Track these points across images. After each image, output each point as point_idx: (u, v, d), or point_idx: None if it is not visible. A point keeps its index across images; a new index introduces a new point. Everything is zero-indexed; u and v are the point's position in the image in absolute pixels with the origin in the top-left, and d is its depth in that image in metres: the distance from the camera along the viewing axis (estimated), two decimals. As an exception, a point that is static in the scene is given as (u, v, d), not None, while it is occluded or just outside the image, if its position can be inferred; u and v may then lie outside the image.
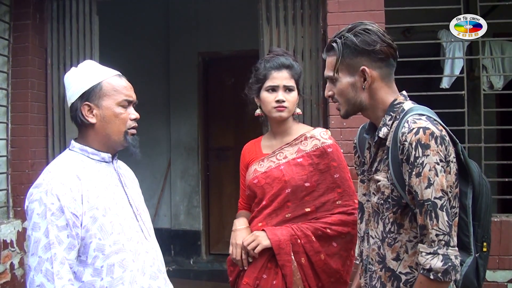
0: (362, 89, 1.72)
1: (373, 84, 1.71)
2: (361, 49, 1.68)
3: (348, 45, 1.70)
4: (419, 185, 1.54)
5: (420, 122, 1.57)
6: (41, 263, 1.62)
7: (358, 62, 1.70)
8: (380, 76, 1.71)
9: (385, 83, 1.73)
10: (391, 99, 1.73)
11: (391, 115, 1.70)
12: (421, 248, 1.56)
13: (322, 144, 2.36)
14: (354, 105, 1.75)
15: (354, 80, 1.72)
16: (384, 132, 1.70)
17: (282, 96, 2.34)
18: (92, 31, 4.36)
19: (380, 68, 1.71)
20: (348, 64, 1.71)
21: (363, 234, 1.87)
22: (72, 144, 1.91)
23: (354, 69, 1.71)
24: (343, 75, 1.73)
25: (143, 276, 1.82)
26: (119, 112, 1.86)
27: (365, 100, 1.74)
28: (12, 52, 4.27)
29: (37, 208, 1.66)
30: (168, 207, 6.70)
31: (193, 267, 6.34)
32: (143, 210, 2.02)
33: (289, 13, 4.05)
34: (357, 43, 1.68)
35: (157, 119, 6.52)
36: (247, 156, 2.57)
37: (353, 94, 1.73)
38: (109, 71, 1.91)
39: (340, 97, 1.77)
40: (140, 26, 6.66)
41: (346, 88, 1.73)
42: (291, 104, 2.36)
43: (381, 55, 1.69)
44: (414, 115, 1.62)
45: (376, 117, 1.77)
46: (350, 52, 1.70)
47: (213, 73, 6.83)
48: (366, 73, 1.69)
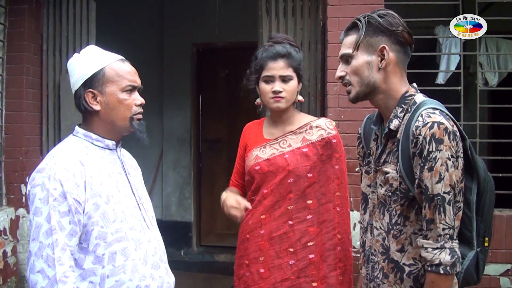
0: (378, 69, 1.70)
1: (389, 67, 1.70)
2: (384, 28, 1.69)
3: (372, 23, 1.70)
4: (430, 180, 1.54)
5: (435, 116, 1.57)
6: (42, 249, 1.60)
7: (378, 41, 1.69)
8: (396, 60, 1.71)
9: (399, 70, 1.73)
10: (403, 90, 1.73)
11: (402, 107, 1.70)
12: (426, 244, 1.57)
13: (327, 134, 2.35)
14: (368, 85, 1.73)
15: (371, 59, 1.71)
16: (396, 124, 1.69)
17: (278, 86, 2.31)
18: (89, 17, 4.34)
19: (398, 52, 1.71)
20: (368, 42, 1.70)
21: (366, 225, 1.88)
22: (76, 129, 1.87)
23: (373, 48, 1.70)
24: (361, 53, 1.71)
25: (145, 266, 1.80)
26: (124, 98, 1.82)
27: (379, 82, 1.72)
28: (7, 37, 4.23)
29: (39, 193, 1.64)
30: (159, 198, 6.66)
31: (184, 258, 6.33)
32: (146, 199, 2.00)
33: (288, 5, 4.06)
34: (381, 22, 1.68)
35: (150, 109, 6.33)
36: (247, 136, 2.53)
37: (368, 73, 1.71)
38: (112, 56, 1.87)
39: (353, 76, 1.74)
40: (135, 15, 6.61)
41: (361, 66, 1.71)
42: (289, 93, 2.33)
43: (401, 38, 1.70)
44: (428, 109, 1.62)
45: (386, 107, 1.76)
46: (372, 30, 1.70)
47: (207, 64, 6.80)
48: (386, 51, 1.68)
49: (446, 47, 4.57)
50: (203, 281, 5.59)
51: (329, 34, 3.83)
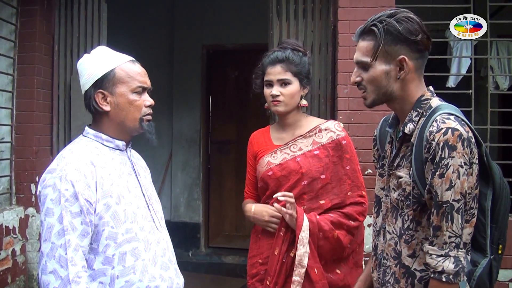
0: (396, 79, 1.66)
1: (407, 75, 1.66)
2: (403, 38, 1.62)
3: (391, 31, 1.62)
4: (440, 186, 1.52)
5: (449, 122, 1.54)
6: (54, 249, 1.60)
7: (397, 50, 1.63)
8: (415, 68, 1.67)
9: (417, 76, 1.69)
10: (420, 93, 1.69)
11: (417, 111, 1.67)
12: (431, 250, 1.55)
13: (337, 136, 2.38)
14: (385, 94, 1.69)
15: (389, 69, 1.65)
16: (410, 128, 1.66)
17: (276, 91, 2.36)
18: (100, 18, 4.35)
19: (417, 59, 1.66)
20: (387, 51, 1.64)
21: (379, 228, 1.85)
22: (86, 130, 1.87)
23: (391, 57, 1.64)
24: (379, 62, 1.66)
25: (154, 266, 1.80)
26: (134, 99, 1.82)
27: (396, 91, 1.68)
28: (19, 37, 4.25)
29: (50, 193, 1.64)
30: (168, 199, 6.68)
31: (192, 259, 6.34)
32: (155, 200, 2.00)
33: (299, 7, 4.05)
34: (400, 31, 1.61)
35: (160, 110, 6.37)
36: (255, 146, 2.55)
37: (385, 83, 1.67)
38: (122, 57, 1.87)
39: (370, 85, 1.70)
40: (146, 17, 6.64)
41: (379, 76, 1.66)
42: (286, 97, 2.36)
43: (420, 46, 1.65)
44: (443, 114, 1.59)
45: (402, 110, 1.73)
46: (391, 39, 1.63)
47: (217, 66, 6.81)
48: (405, 63, 1.63)
49: (457, 50, 4.55)
50: (210, 283, 5.60)
51: (340, 36, 3.82)
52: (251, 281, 2.43)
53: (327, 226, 2.29)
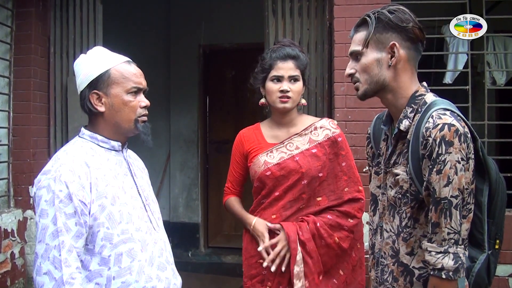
0: (388, 67, 1.66)
1: (399, 64, 1.66)
2: (394, 25, 1.64)
3: (381, 19, 1.65)
4: (438, 183, 1.51)
5: (445, 118, 1.54)
6: (49, 250, 1.59)
7: (388, 37, 1.65)
8: (407, 58, 1.67)
9: (410, 68, 1.69)
10: (414, 88, 1.69)
11: (412, 107, 1.67)
12: (430, 247, 1.55)
13: (333, 134, 2.39)
14: (377, 83, 1.69)
15: (381, 56, 1.66)
16: (406, 124, 1.66)
17: (286, 86, 2.34)
18: (96, 20, 4.35)
19: (409, 49, 1.67)
20: (378, 38, 1.66)
21: (376, 227, 1.85)
22: (82, 131, 1.87)
23: (383, 45, 1.66)
24: (370, 50, 1.67)
25: (151, 267, 1.79)
26: (128, 100, 1.81)
27: (388, 79, 1.68)
28: (14, 39, 4.25)
29: (45, 195, 1.63)
30: (167, 200, 6.68)
31: (191, 259, 6.33)
32: (152, 201, 1.99)
33: (295, 5, 4.05)
34: (391, 18, 1.64)
35: (157, 111, 6.43)
36: (246, 144, 2.52)
37: (377, 71, 1.67)
38: (118, 58, 1.86)
39: (362, 74, 1.71)
40: (142, 17, 6.63)
41: (371, 64, 1.67)
42: (295, 94, 2.36)
43: (412, 35, 1.65)
44: (439, 109, 1.58)
45: (395, 105, 1.72)
46: (382, 27, 1.65)
47: (214, 65, 6.81)
48: (396, 48, 1.64)
49: (453, 47, 4.54)
50: (210, 282, 5.59)
51: (336, 34, 3.82)
52: (250, 282, 2.41)
53: (326, 233, 2.30)
